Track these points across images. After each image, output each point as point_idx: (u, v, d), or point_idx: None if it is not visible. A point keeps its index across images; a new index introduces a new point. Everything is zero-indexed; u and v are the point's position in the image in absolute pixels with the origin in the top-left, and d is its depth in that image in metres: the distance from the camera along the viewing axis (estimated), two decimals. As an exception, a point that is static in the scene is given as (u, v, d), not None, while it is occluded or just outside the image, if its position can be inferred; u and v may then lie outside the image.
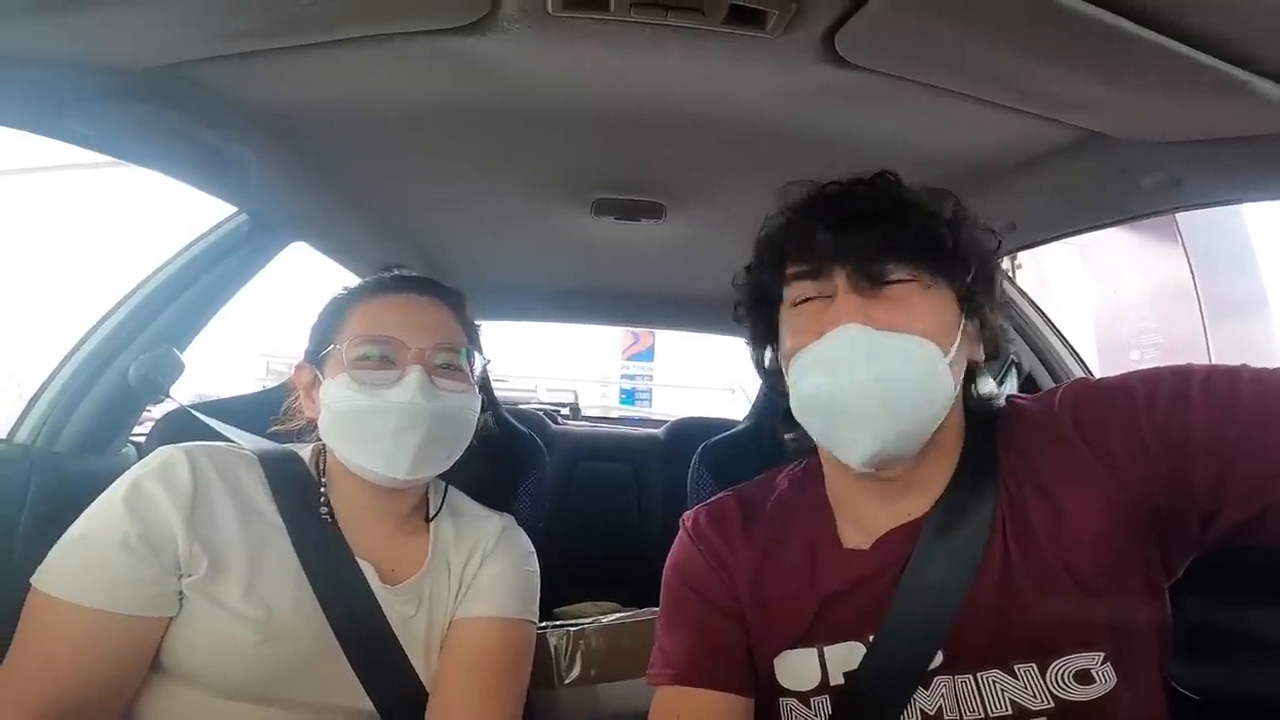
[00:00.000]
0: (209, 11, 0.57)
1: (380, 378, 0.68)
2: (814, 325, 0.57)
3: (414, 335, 0.70)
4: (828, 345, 0.55)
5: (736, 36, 0.60)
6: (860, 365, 0.53)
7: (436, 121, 0.82)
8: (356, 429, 0.68)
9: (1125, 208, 0.88)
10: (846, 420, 0.55)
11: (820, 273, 0.58)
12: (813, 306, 0.59)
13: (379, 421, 0.67)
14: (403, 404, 0.67)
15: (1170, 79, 0.58)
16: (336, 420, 0.69)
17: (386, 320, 0.71)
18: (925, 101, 0.69)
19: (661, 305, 1.82)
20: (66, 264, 7.07)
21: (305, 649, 0.65)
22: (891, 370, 0.53)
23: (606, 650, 1.13)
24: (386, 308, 0.73)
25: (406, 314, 0.73)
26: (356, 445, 0.69)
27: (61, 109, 0.66)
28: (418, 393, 0.67)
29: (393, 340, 0.69)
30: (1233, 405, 0.50)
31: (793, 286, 0.61)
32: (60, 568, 0.60)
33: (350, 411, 0.68)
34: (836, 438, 0.57)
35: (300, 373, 0.76)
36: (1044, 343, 1.29)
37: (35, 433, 0.95)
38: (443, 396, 0.69)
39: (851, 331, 0.54)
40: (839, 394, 0.54)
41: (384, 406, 0.67)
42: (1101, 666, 0.52)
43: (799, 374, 0.58)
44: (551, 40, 0.63)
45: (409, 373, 0.68)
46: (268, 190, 0.96)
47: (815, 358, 0.56)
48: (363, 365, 0.68)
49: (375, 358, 0.69)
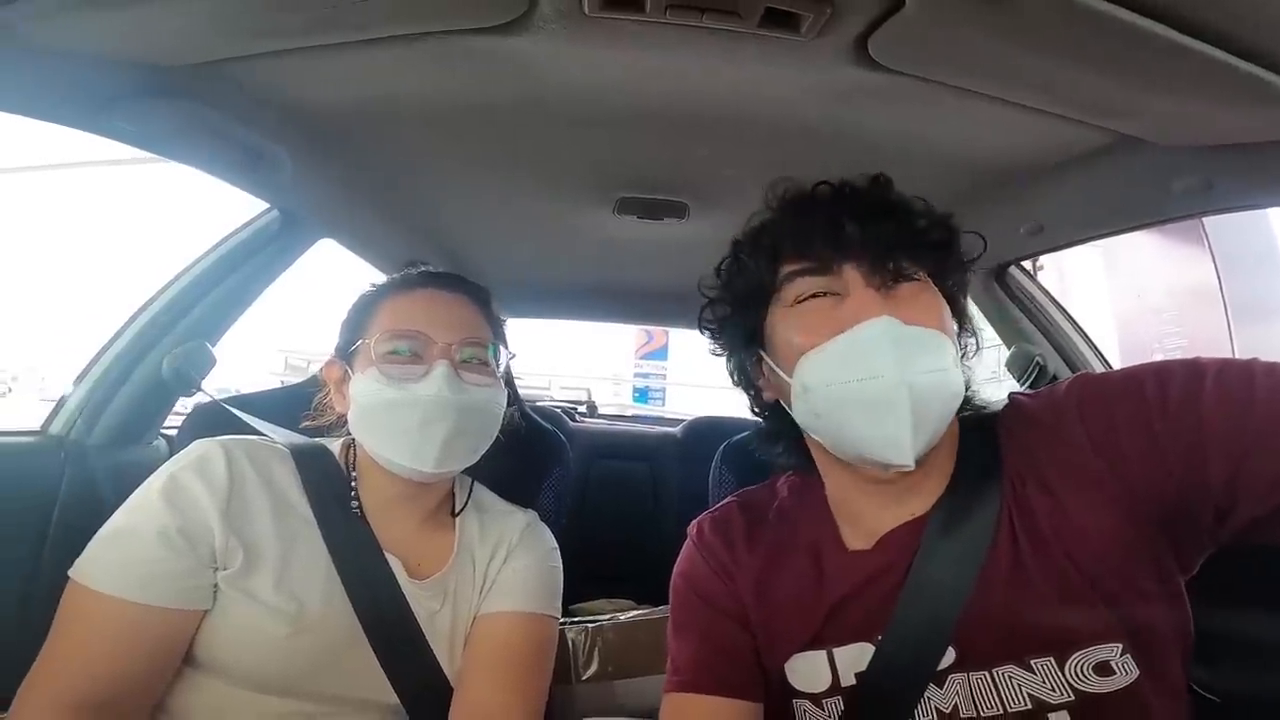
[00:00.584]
0: (248, 9, 0.58)
1: (408, 372, 0.69)
2: (826, 323, 0.55)
3: (440, 330, 0.71)
4: (857, 338, 0.53)
5: (770, 39, 0.60)
6: (900, 357, 0.52)
7: (466, 120, 0.83)
8: (384, 422, 0.69)
9: (1155, 211, 0.87)
10: (890, 414, 0.52)
11: (828, 268, 0.57)
12: (820, 304, 0.57)
13: (406, 415, 0.68)
14: (429, 397, 0.67)
15: (1206, 84, 0.57)
16: (365, 414, 0.70)
17: (414, 315, 0.72)
18: (955, 104, 0.69)
19: (680, 304, 1.81)
20: (87, 260, 7.21)
21: (334, 642, 0.66)
22: (928, 364, 0.53)
23: (624, 647, 1.13)
24: (414, 303, 0.74)
25: (433, 309, 0.74)
26: (384, 438, 0.70)
27: (104, 105, 0.68)
28: (444, 386, 0.68)
29: (420, 335, 0.70)
30: (1248, 400, 0.49)
31: (794, 283, 0.58)
32: (98, 561, 0.60)
33: (378, 405, 0.69)
34: (872, 435, 0.54)
35: (330, 368, 0.77)
36: (1069, 345, 1.27)
37: (69, 425, 0.98)
38: (469, 390, 0.70)
39: (884, 324, 0.53)
40: (880, 386, 0.52)
41: (411, 400, 0.67)
42: (1121, 658, 0.51)
43: (813, 373, 0.56)
44: (586, 41, 0.63)
45: (436, 367, 0.68)
46: (300, 187, 0.97)
47: (839, 354, 0.54)
48: (391, 360, 0.69)
49: (403, 352, 0.70)
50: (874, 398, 0.53)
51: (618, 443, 2.11)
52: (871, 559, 0.60)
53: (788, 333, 0.59)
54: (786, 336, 0.59)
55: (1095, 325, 3.96)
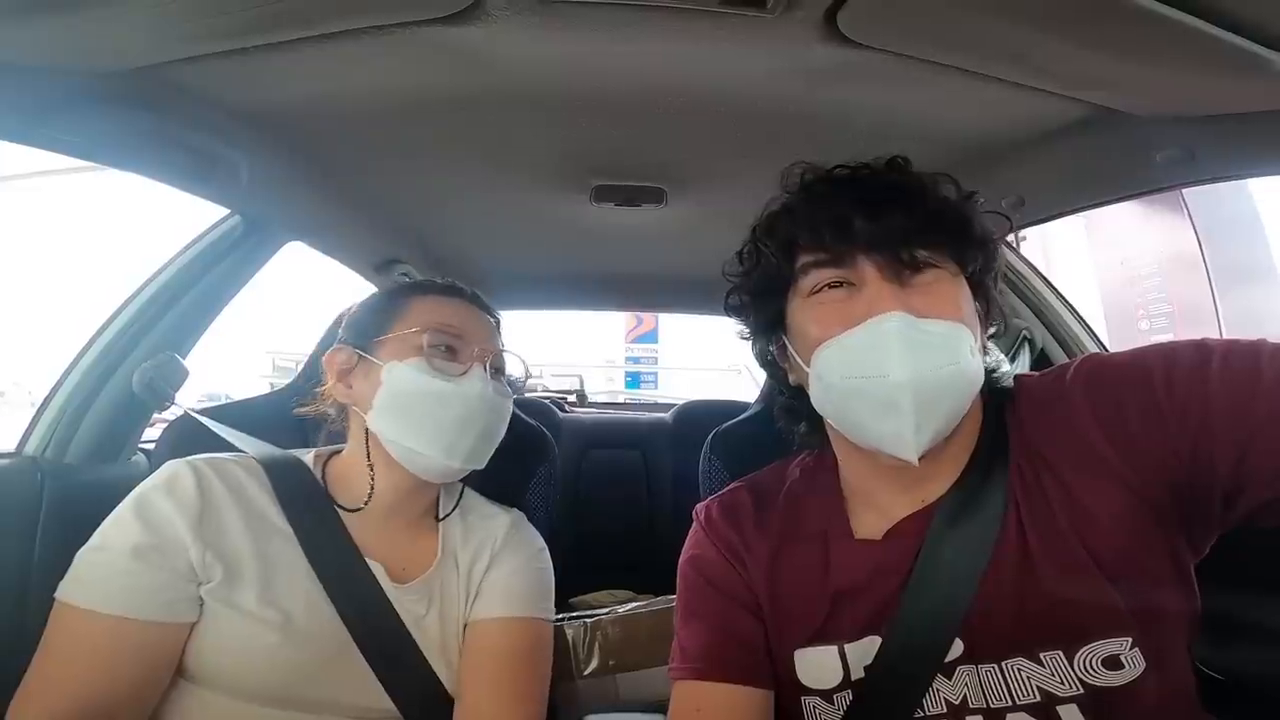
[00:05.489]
0: (186, 11, 0.56)
1: (448, 367, 0.71)
2: (841, 315, 0.55)
3: (478, 337, 0.75)
4: (867, 334, 0.53)
5: (734, 17, 0.58)
6: (907, 355, 0.51)
7: (428, 114, 0.81)
8: (421, 411, 0.70)
9: (1137, 183, 0.86)
10: (893, 413, 0.52)
11: (842, 260, 0.56)
12: (836, 295, 0.56)
13: (447, 407, 0.69)
14: (473, 393, 0.70)
15: (1185, 54, 0.56)
16: (398, 400, 0.70)
17: (455, 317, 0.75)
18: (931, 79, 0.67)
19: (666, 288, 1.81)
20: (70, 270, 7.10)
21: (324, 650, 0.66)
22: (937, 359, 0.52)
23: (623, 640, 1.13)
24: (454, 307, 0.77)
25: (471, 317, 0.77)
26: (416, 428, 0.70)
27: (38, 116, 0.65)
28: (488, 385, 0.71)
29: (458, 334, 0.73)
30: (1254, 383, 0.48)
31: (810, 274, 0.58)
32: (80, 577, 0.61)
33: (419, 393, 0.69)
34: (878, 430, 0.54)
35: (336, 355, 0.76)
36: (1055, 317, 1.27)
37: (44, 444, 0.95)
38: (501, 396, 0.74)
39: (894, 320, 0.52)
40: (885, 386, 0.52)
41: (454, 393, 0.70)
42: (1130, 651, 0.50)
43: (827, 365, 0.55)
44: (541, 26, 0.61)
45: (475, 367, 0.72)
46: (259, 191, 0.94)
47: (851, 348, 0.54)
48: (433, 353, 0.71)
49: (445, 349, 0.72)
50: (878, 396, 0.52)
51: (609, 431, 2.10)
52: (878, 551, 0.60)
53: (805, 324, 0.59)
54: (804, 327, 0.59)
55: (1080, 294, 4.01)
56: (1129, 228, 4.22)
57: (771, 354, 0.67)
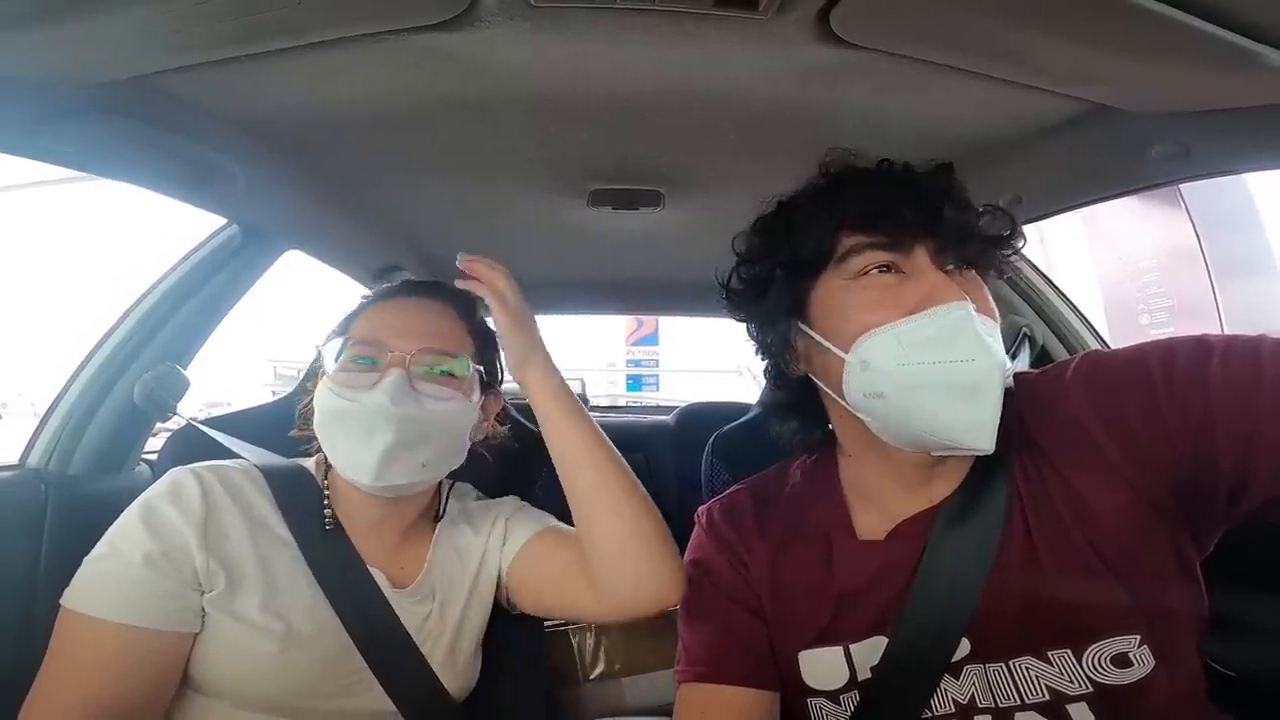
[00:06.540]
0: (179, 20, 0.55)
1: (361, 380, 0.67)
2: (893, 300, 0.54)
3: (399, 339, 0.69)
4: (938, 320, 0.51)
5: (728, 19, 0.58)
6: (982, 347, 0.51)
7: (423, 120, 0.81)
8: (334, 431, 0.68)
9: (1133, 179, 0.86)
10: (975, 399, 0.51)
11: (900, 245, 0.55)
12: (885, 280, 0.55)
13: (351, 424, 0.66)
14: (370, 406, 0.65)
15: (1178, 50, 0.56)
16: (320, 420, 0.69)
17: (377, 324, 0.71)
18: (925, 78, 0.67)
19: (666, 290, 1.80)
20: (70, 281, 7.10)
21: (326, 657, 0.66)
22: (999, 354, 0.52)
23: (628, 644, 1.13)
24: (383, 312, 0.73)
25: (399, 318, 0.72)
26: (333, 448, 0.68)
27: (32, 127, 0.65)
28: (387, 396, 0.64)
29: (376, 343, 0.69)
30: (1255, 379, 0.48)
31: (862, 255, 0.56)
32: (87, 586, 0.60)
33: (326, 413, 0.67)
34: (950, 418, 0.52)
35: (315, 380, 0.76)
36: (1056, 314, 1.27)
37: (47, 456, 0.96)
38: (421, 401, 0.67)
39: (967, 309, 0.51)
40: (972, 372, 0.50)
41: (357, 410, 0.65)
42: (1139, 649, 0.50)
43: (880, 351, 0.53)
44: (534, 31, 0.61)
45: (387, 375, 0.66)
46: (256, 200, 0.95)
47: (924, 334, 0.52)
48: (348, 369, 0.68)
49: (363, 362, 0.68)
50: (963, 381, 0.51)
51: (610, 434, 2.08)
52: (882, 551, 0.60)
53: (847, 307, 0.56)
54: (845, 311, 0.56)
55: (1080, 290, 4.01)
56: (1127, 223, 4.22)
57: (777, 340, 0.64)
